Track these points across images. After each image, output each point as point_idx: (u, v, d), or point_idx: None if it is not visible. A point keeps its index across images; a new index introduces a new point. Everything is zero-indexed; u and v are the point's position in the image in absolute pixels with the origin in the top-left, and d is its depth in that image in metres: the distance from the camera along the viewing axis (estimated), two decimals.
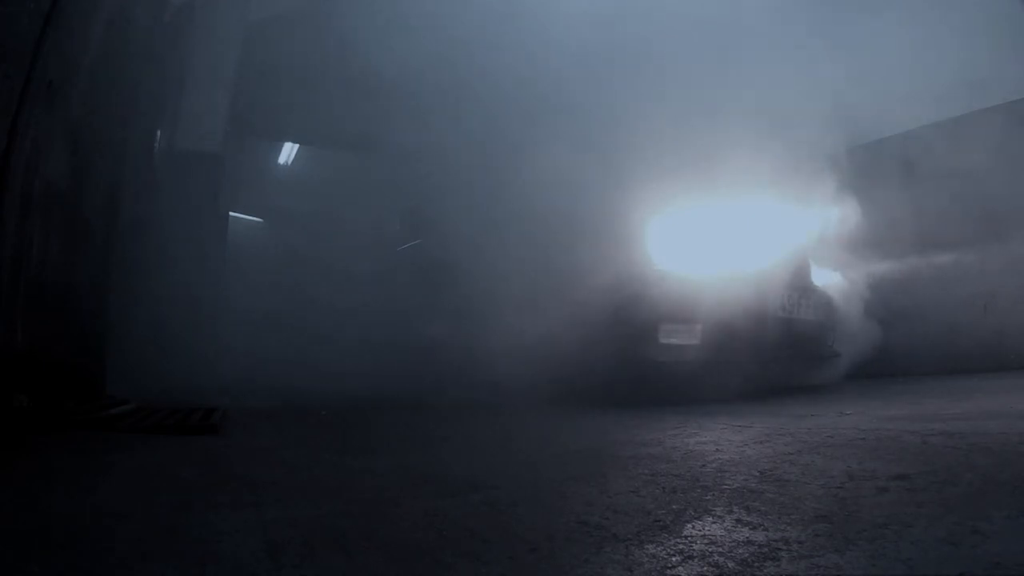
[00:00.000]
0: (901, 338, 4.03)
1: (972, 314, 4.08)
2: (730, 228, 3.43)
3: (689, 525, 1.21)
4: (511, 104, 3.84)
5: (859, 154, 4.26)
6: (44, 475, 1.70)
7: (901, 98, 4.03)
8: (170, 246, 4.76)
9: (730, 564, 1.01)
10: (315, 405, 3.36)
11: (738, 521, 1.21)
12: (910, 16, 3.81)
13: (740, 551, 1.06)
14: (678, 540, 1.13)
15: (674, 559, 1.04)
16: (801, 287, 3.60)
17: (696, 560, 1.03)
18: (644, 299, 3.16)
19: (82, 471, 1.76)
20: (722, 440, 2.07)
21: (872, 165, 4.22)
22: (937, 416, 2.30)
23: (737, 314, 3.13)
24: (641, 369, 3.16)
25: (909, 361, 4.10)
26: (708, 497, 1.39)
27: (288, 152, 8.54)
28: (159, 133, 4.86)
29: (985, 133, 3.95)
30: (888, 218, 3.99)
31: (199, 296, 5.05)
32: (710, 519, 1.23)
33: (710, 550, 1.07)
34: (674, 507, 1.32)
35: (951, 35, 3.72)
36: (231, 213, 6.99)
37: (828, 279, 3.94)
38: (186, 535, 1.21)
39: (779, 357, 3.45)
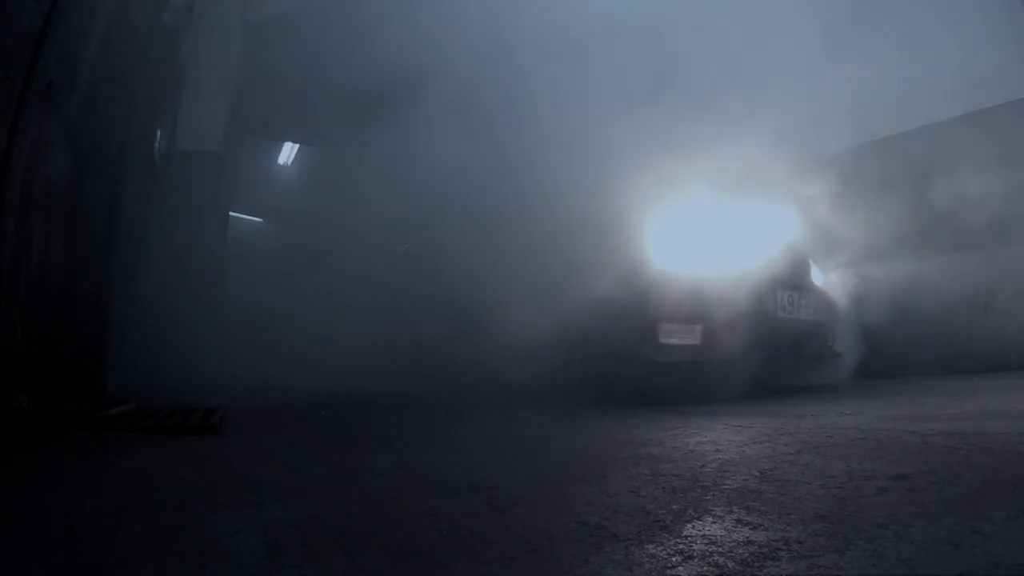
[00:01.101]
0: (901, 338, 4.02)
1: (972, 314, 4.08)
2: (729, 227, 3.41)
3: (689, 525, 1.21)
4: (510, 101, 3.83)
5: (858, 154, 4.26)
6: (44, 475, 1.70)
7: (900, 98, 4.03)
8: (170, 246, 4.77)
9: (730, 564, 1.01)
10: (315, 405, 3.36)
11: (738, 521, 1.21)
12: (909, 16, 3.80)
13: (740, 551, 1.06)
14: (678, 540, 1.13)
15: (674, 559, 1.04)
16: (801, 287, 3.59)
17: (696, 560, 1.03)
18: (644, 298, 3.14)
19: (82, 471, 1.76)
20: (722, 440, 2.07)
21: (871, 165, 4.22)
22: (937, 416, 2.30)
23: (738, 314, 3.11)
24: (641, 369, 3.14)
25: (909, 361, 4.09)
26: (708, 497, 1.39)
27: (288, 152, 8.55)
28: (159, 133, 4.86)
29: (985, 133, 3.95)
30: (887, 218, 3.98)
31: (199, 296, 5.06)
32: (710, 519, 1.23)
33: (710, 550, 1.07)
34: (674, 507, 1.32)
35: (951, 35, 3.71)
36: (231, 213, 7.00)
37: (827, 278, 3.93)
38: (186, 535, 1.21)
39: (779, 357, 3.44)
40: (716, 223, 3.39)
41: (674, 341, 3.14)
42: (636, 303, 3.15)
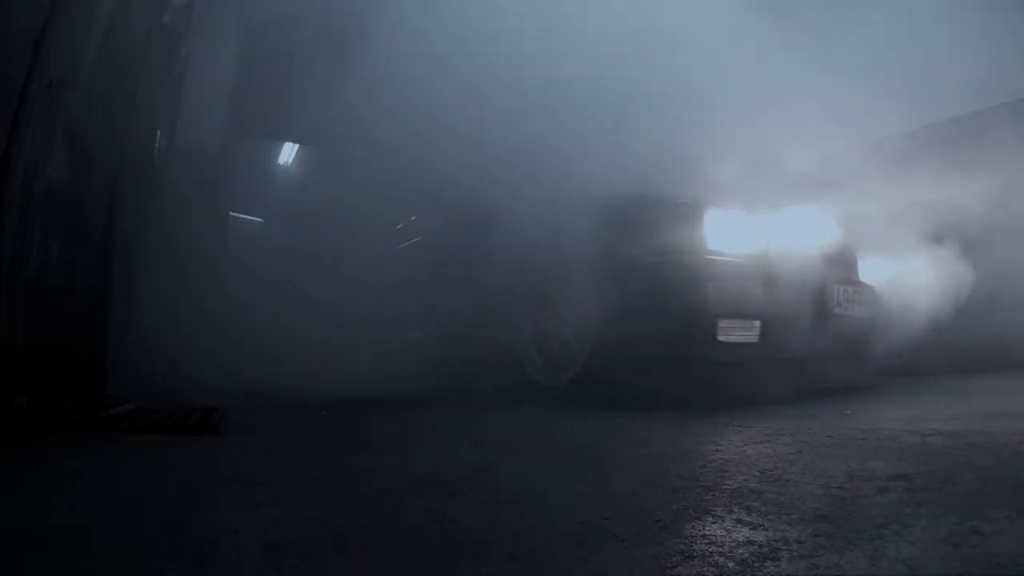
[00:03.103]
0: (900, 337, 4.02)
1: (972, 314, 4.07)
2: (783, 219, 3.23)
3: (689, 525, 1.21)
4: (531, 87, 3.74)
5: (860, 152, 4.24)
6: (44, 475, 1.70)
7: (899, 97, 4.02)
8: (170, 246, 4.77)
9: (730, 564, 1.01)
10: (315, 405, 3.36)
11: (738, 521, 1.21)
12: (909, 15, 3.80)
13: (740, 551, 1.06)
14: (678, 540, 1.13)
15: (674, 559, 1.04)
16: (852, 281, 3.46)
17: (696, 560, 1.03)
18: (701, 293, 2.92)
19: (82, 471, 1.76)
20: (722, 440, 2.07)
21: (872, 164, 4.21)
22: (937, 416, 2.30)
23: (797, 310, 2.98)
24: (696, 369, 2.92)
25: (910, 361, 4.09)
26: (708, 497, 1.39)
27: (288, 152, 8.55)
28: (159, 133, 4.86)
29: (984, 133, 3.94)
30: (887, 217, 3.98)
31: (199, 296, 5.06)
32: (710, 519, 1.24)
33: (710, 550, 1.07)
34: (674, 507, 1.32)
35: (951, 35, 3.71)
36: (231, 213, 7.01)
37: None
38: (186, 535, 1.21)
39: (834, 356, 3.28)
40: (770, 214, 3.22)
41: (733, 339, 2.93)
42: (693, 298, 2.92)
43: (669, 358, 2.97)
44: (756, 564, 1.00)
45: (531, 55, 3.69)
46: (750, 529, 1.16)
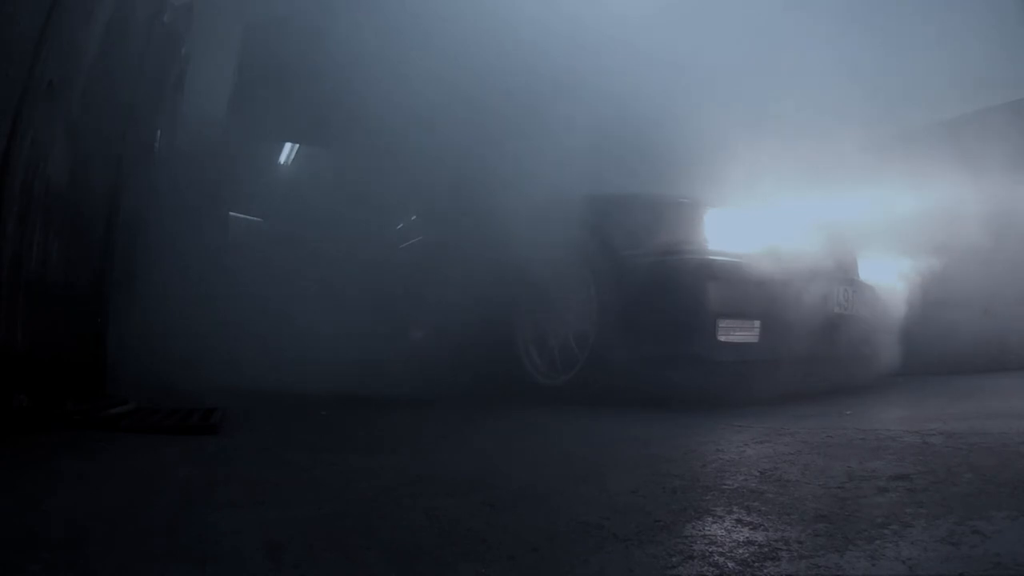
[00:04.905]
0: (900, 337, 4.02)
1: (972, 315, 4.07)
2: (782, 216, 3.24)
3: (689, 525, 1.21)
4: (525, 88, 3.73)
5: (861, 151, 4.24)
6: (44, 475, 1.70)
7: (899, 97, 4.02)
8: (170, 246, 4.76)
9: (730, 564, 1.01)
10: (315, 405, 3.36)
11: (738, 521, 1.21)
12: (910, 14, 3.80)
13: (740, 551, 1.06)
14: (678, 540, 1.13)
15: (674, 559, 1.04)
16: (852, 281, 3.47)
17: (696, 560, 1.03)
18: (700, 291, 2.92)
19: (82, 471, 1.76)
20: (722, 440, 2.07)
21: (873, 163, 4.21)
22: (937, 416, 2.31)
23: (796, 310, 2.98)
24: (694, 369, 2.91)
25: (909, 361, 4.09)
26: (708, 497, 1.39)
27: (288, 152, 8.54)
28: (159, 133, 4.86)
29: (984, 133, 3.94)
30: (886, 218, 3.97)
31: (199, 296, 5.06)
32: (710, 519, 1.24)
33: (710, 550, 1.07)
34: (674, 507, 1.32)
35: (951, 34, 3.71)
36: (231, 213, 7.00)
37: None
38: (186, 535, 1.21)
39: (834, 356, 3.29)
40: (770, 214, 3.23)
41: (733, 339, 2.92)
42: (693, 298, 2.91)
43: (669, 358, 2.96)
44: (756, 564, 1.00)
45: (534, 52, 3.69)
46: (750, 529, 1.16)
